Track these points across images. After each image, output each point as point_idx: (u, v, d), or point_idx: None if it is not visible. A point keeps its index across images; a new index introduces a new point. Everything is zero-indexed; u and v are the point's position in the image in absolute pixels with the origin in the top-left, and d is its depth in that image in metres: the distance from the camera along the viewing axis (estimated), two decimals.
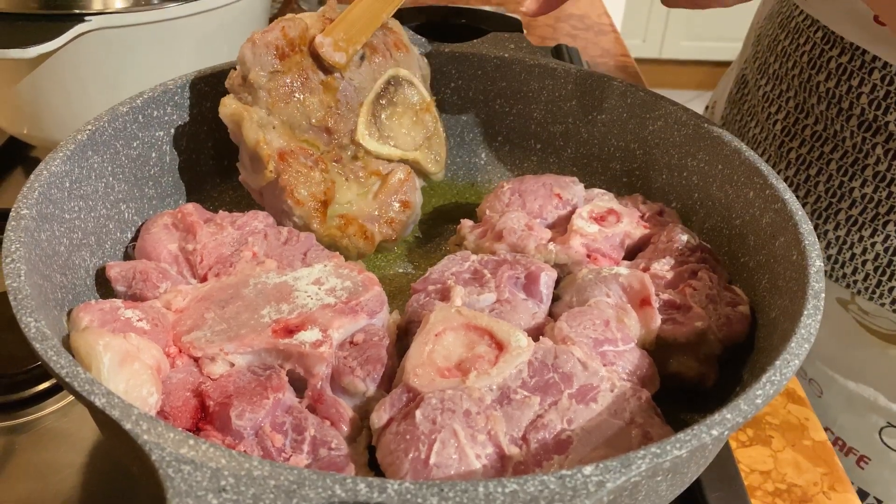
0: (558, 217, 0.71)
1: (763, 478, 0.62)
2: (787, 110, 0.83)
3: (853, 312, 0.80)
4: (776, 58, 0.86)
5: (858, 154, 0.77)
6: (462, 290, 0.59)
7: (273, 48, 0.65)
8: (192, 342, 0.54)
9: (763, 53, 0.91)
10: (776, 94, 0.85)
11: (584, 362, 0.52)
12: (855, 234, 0.79)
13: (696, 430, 0.40)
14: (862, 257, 0.78)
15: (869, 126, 0.75)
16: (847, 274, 0.80)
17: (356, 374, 0.53)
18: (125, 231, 0.66)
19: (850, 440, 0.84)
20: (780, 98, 0.84)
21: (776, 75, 0.86)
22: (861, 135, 0.76)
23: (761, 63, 0.90)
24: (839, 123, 0.77)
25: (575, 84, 0.80)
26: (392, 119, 0.72)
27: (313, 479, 0.36)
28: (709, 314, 0.59)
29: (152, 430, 0.38)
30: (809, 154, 0.81)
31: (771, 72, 0.87)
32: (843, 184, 0.78)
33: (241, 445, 0.48)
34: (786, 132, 0.83)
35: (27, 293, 0.46)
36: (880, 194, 0.76)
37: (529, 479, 0.36)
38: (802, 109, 0.81)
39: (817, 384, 0.85)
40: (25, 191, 0.54)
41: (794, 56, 0.83)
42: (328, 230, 0.67)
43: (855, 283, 0.79)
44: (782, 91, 0.84)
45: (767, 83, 0.87)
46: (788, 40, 0.85)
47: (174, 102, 0.70)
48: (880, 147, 0.75)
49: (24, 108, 0.84)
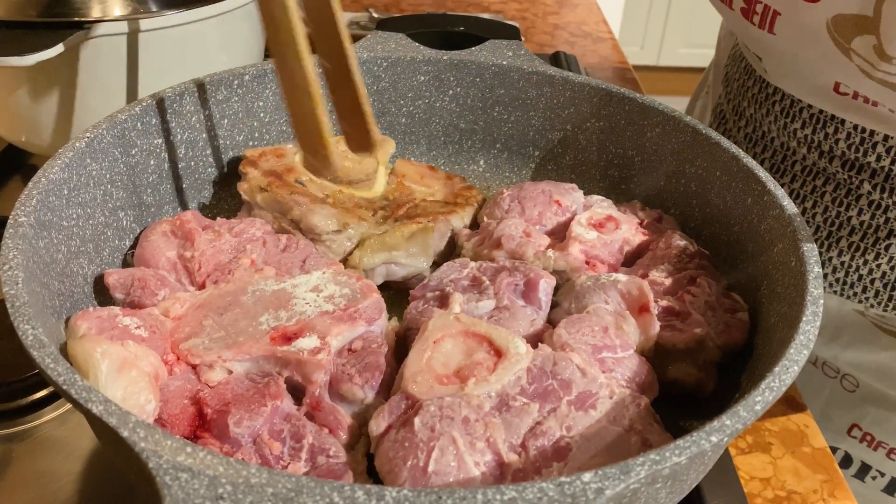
0: (557, 224, 0.71)
1: (763, 485, 0.62)
2: (773, 149, 0.83)
3: (871, 318, 0.81)
4: (749, 103, 0.86)
5: (850, 186, 0.77)
6: (461, 297, 0.59)
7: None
8: (190, 349, 0.54)
9: (735, 96, 0.89)
10: (759, 136, 0.85)
11: (582, 369, 0.52)
12: (859, 258, 0.79)
13: (696, 437, 0.40)
14: (869, 277, 0.79)
15: (853, 165, 0.75)
16: (858, 293, 0.80)
17: (354, 382, 0.53)
18: (123, 238, 0.66)
19: (881, 435, 0.84)
20: (764, 139, 0.84)
21: (753, 118, 0.85)
22: (847, 173, 0.76)
23: (735, 105, 0.89)
24: (824, 163, 0.77)
25: (573, 91, 0.80)
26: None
27: (311, 487, 0.36)
28: (707, 321, 0.58)
29: (150, 438, 0.38)
30: (802, 188, 0.80)
31: (748, 115, 0.86)
32: (839, 214, 0.78)
33: (239, 453, 0.48)
34: (775, 169, 0.83)
35: (25, 301, 0.46)
36: (877, 220, 0.76)
37: (528, 486, 0.36)
38: (788, 148, 0.81)
39: (852, 378, 0.84)
40: (23, 198, 0.54)
41: (766, 104, 0.82)
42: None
43: (867, 300, 0.80)
44: (764, 133, 0.84)
45: (747, 125, 0.86)
46: (757, 88, 0.84)
47: (172, 110, 0.70)
48: (867, 182, 0.75)
49: (23, 116, 0.84)
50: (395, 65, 0.82)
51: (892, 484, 0.85)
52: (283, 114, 0.80)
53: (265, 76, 0.77)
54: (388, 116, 0.84)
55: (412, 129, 0.86)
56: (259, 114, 0.79)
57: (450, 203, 0.75)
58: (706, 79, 1.09)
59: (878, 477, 0.85)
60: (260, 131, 0.79)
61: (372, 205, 0.73)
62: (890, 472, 0.85)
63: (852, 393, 0.85)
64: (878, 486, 0.86)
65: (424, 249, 0.68)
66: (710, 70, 1.07)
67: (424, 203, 0.74)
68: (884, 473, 0.85)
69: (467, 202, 0.75)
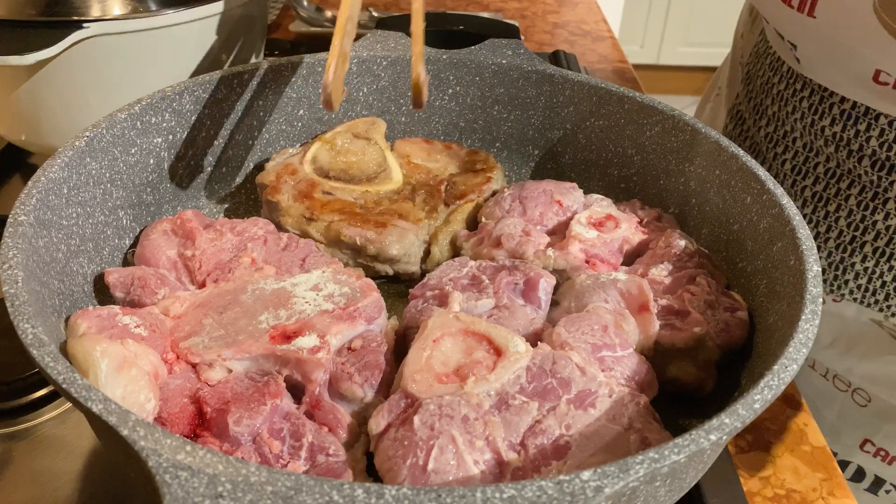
0: (558, 223, 0.71)
1: (762, 483, 0.62)
2: (795, 150, 0.81)
3: (888, 329, 0.79)
4: (773, 101, 0.83)
5: (877, 189, 0.74)
6: (460, 296, 0.59)
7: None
8: (190, 348, 0.54)
9: (757, 94, 0.88)
10: (780, 135, 0.83)
11: (582, 368, 0.52)
12: (884, 264, 0.77)
13: (695, 436, 0.40)
14: (893, 284, 0.77)
15: (882, 165, 0.73)
16: (879, 300, 0.78)
17: (354, 380, 0.53)
18: (123, 237, 0.66)
19: (894, 450, 0.83)
20: (786, 139, 0.82)
21: (776, 117, 0.83)
22: (876, 174, 0.73)
23: (757, 104, 0.87)
24: (851, 163, 0.75)
25: (572, 90, 0.80)
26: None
27: (310, 486, 0.36)
28: (707, 320, 0.58)
29: (149, 437, 0.38)
30: (826, 191, 0.78)
31: (770, 113, 0.84)
32: (864, 218, 0.76)
33: (239, 452, 0.48)
34: (797, 171, 0.80)
35: (24, 299, 0.46)
36: None
37: (527, 484, 0.36)
38: (812, 149, 0.79)
39: (864, 392, 0.83)
40: (23, 197, 0.54)
41: (792, 101, 0.80)
42: None
43: (889, 307, 0.78)
44: (786, 132, 0.81)
45: (769, 124, 0.84)
46: (783, 84, 0.82)
47: (172, 109, 0.70)
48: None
49: (23, 115, 0.84)
50: (394, 64, 0.82)
51: None
52: (282, 112, 0.80)
53: (265, 75, 0.77)
54: (388, 115, 0.84)
55: (411, 127, 0.86)
56: (258, 112, 0.79)
57: (472, 171, 0.78)
58: (716, 82, 1.08)
59: (893, 490, 0.84)
60: (259, 130, 0.79)
61: (403, 196, 0.75)
62: None
63: (864, 407, 0.84)
64: (893, 500, 0.84)
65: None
66: (723, 72, 1.05)
67: (452, 178, 0.77)
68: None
69: (488, 167, 0.79)
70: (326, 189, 0.73)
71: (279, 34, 1.35)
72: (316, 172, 0.74)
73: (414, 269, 0.70)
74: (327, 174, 0.75)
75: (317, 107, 0.82)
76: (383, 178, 0.76)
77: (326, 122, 0.83)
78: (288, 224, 0.70)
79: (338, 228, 0.68)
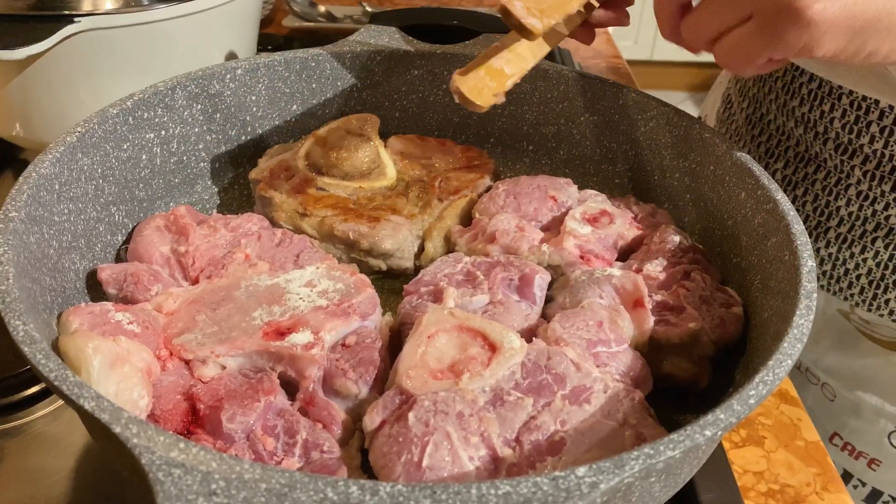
0: (552, 218, 0.71)
1: (756, 478, 0.62)
2: (769, 132, 0.83)
3: (854, 322, 0.80)
4: (754, 82, 0.86)
5: (840, 174, 0.77)
6: (455, 292, 0.59)
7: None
8: (183, 345, 0.53)
9: (742, 76, 0.90)
10: (758, 118, 0.85)
11: (577, 363, 0.52)
12: (846, 250, 0.79)
13: (690, 431, 0.40)
14: (856, 272, 0.78)
15: (845, 149, 0.75)
16: (843, 288, 0.80)
17: (348, 377, 0.53)
18: (115, 234, 0.66)
19: (860, 445, 0.84)
20: (762, 121, 0.84)
21: (756, 98, 0.85)
22: (839, 157, 0.76)
23: (742, 85, 0.90)
24: (818, 146, 0.77)
25: (567, 85, 0.80)
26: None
27: (305, 482, 0.35)
28: (702, 315, 0.58)
29: (142, 434, 0.37)
30: (794, 175, 0.81)
31: (751, 95, 0.86)
32: (829, 203, 0.78)
33: (233, 449, 0.48)
34: (770, 154, 0.83)
35: (16, 296, 0.46)
36: (865, 212, 0.76)
37: (522, 480, 0.36)
38: (783, 132, 0.81)
39: (830, 388, 0.85)
40: (14, 193, 0.54)
41: (769, 81, 0.82)
42: None
43: (852, 297, 0.79)
44: (763, 114, 0.84)
45: (749, 105, 0.87)
46: None
47: (164, 104, 0.70)
48: (858, 169, 0.75)
49: (14, 110, 0.83)
50: (388, 59, 0.82)
51: (873, 494, 0.85)
52: (275, 108, 0.80)
53: (258, 70, 0.77)
54: (382, 110, 0.84)
55: (405, 123, 0.85)
56: (251, 108, 0.78)
57: (466, 167, 0.78)
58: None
59: (860, 486, 0.85)
60: (252, 125, 0.79)
61: (397, 192, 0.75)
62: (871, 482, 0.85)
63: (832, 402, 0.85)
64: (860, 496, 0.85)
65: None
66: None
67: (446, 174, 0.77)
68: (865, 483, 0.85)
69: (482, 163, 0.79)
70: (320, 185, 0.73)
71: (272, 29, 1.35)
72: (309, 168, 0.74)
73: (407, 265, 0.70)
74: (321, 170, 0.74)
75: (310, 102, 0.82)
76: (377, 174, 0.76)
77: (320, 117, 0.83)
78: (281, 219, 0.70)
79: (331, 223, 0.68)
